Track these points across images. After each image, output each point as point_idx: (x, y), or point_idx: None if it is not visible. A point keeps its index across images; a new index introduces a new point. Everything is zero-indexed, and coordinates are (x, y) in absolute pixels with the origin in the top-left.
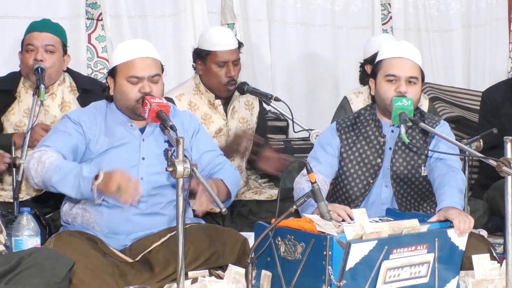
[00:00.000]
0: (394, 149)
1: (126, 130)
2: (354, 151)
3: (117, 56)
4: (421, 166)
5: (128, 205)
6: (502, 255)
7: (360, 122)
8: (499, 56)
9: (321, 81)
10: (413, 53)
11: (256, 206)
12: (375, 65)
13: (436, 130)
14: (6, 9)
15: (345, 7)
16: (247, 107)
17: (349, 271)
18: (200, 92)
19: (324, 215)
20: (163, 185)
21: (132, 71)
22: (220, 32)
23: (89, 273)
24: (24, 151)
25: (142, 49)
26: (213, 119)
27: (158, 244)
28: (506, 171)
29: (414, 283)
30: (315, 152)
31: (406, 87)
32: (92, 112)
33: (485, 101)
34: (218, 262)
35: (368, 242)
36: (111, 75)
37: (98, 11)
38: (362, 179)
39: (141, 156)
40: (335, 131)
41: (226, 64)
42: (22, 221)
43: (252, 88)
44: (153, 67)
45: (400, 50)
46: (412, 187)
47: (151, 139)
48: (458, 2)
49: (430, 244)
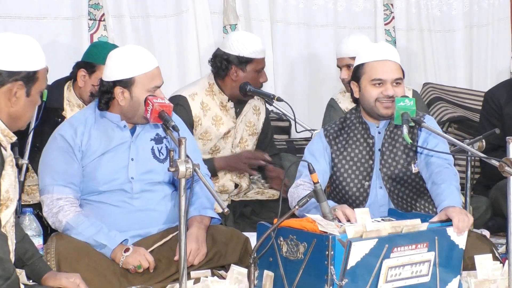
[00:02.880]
0: (382, 150)
1: (117, 132)
2: (345, 155)
3: (134, 67)
4: (411, 163)
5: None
6: (505, 255)
7: (347, 126)
8: (501, 56)
9: (323, 81)
10: (394, 54)
11: (258, 206)
12: (357, 68)
13: (436, 130)
14: (8, 9)
15: (348, 7)
16: (255, 111)
17: (351, 269)
18: (213, 93)
19: (326, 215)
20: (154, 182)
21: (154, 82)
22: (257, 39)
23: (92, 271)
24: (26, 151)
25: (153, 59)
26: (223, 121)
27: (160, 244)
28: (508, 171)
29: (415, 282)
30: (306, 159)
31: (392, 89)
32: (81, 123)
33: (488, 102)
34: (220, 262)
35: (369, 240)
36: (125, 87)
37: (101, 11)
38: (356, 183)
39: (130, 157)
40: (323, 138)
41: (262, 70)
42: (24, 221)
43: (254, 89)
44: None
45: (382, 52)
46: (405, 186)
47: (140, 139)
48: (460, 2)
49: (430, 242)
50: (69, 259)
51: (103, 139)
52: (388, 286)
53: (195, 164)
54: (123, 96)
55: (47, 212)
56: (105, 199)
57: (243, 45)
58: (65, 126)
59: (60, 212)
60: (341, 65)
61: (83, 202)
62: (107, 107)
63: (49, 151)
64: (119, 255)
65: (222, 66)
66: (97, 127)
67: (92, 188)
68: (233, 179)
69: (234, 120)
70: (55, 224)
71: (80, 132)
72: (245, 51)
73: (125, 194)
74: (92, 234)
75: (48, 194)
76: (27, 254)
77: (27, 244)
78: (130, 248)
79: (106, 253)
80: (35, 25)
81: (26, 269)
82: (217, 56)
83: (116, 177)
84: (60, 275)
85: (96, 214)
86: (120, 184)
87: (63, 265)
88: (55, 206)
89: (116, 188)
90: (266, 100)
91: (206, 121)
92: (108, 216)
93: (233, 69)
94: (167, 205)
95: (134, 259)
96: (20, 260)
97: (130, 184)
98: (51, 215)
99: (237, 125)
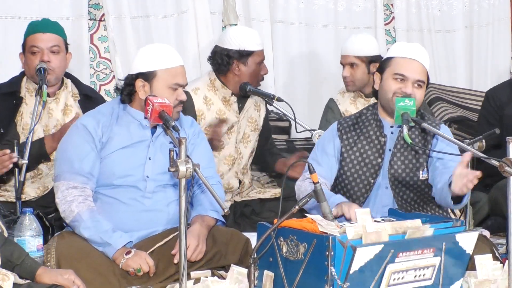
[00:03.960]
0: (393, 151)
1: (138, 129)
2: (355, 150)
3: (157, 61)
4: (419, 169)
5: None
6: (505, 256)
7: (361, 122)
8: (501, 56)
9: (323, 81)
10: (424, 57)
11: (259, 206)
12: (384, 60)
13: (438, 130)
14: (8, 10)
15: (348, 7)
16: (256, 108)
17: (354, 273)
18: (215, 88)
19: (327, 215)
20: (167, 184)
21: (176, 79)
22: (255, 32)
23: (92, 272)
24: (26, 151)
25: (178, 57)
26: (226, 116)
27: (161, 244)
28: (508, 171)
29: (418, 285)
30: (315, 153)
31: (412, 89)
32: (105, 115)
33: (489, 100)
34: (220, 262)
35: (374, 246)
36: (146, 80)
37: (101, 11)
38: (362, 179)
39: (148, 156)
40: (336, 131)
41: (263, 62)
42: (24, 221)
43: (254, 89)
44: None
45: (412, 52)
46: (411, 190)
47: (159, 140)
48: (460, 3)
49: (437, 248)
50: (70, 259)
51: (124, 134)
52: None
53: (195, 164)
54: (144, 90)
55: (61, 198)
56: (116, 195)
57: (243, 39)
58: (89, 116)
59: (74, 202)
60: (344, 63)
61: (95, 194)
62: (130, 100)
63: (69, 139)
64: (120, 257)
65: (223, 62)
66: (120, 121)
67: (106, 181)
68: (238, 176)
69: (237, 115)
70: (65, 212)
71: (103, 123)
72: (245, 44)
73: (137, 192)
74: (99, 231)
75: (65, 181)
76: (14, 254)
77: (11, 246)
78: (131, 251)
79: (109, 252)
80: None
81: (17, 269)
82: (217, 53)
83: (132, 174)
84: (55, 272)
85: (105, 209)
86: (134, 181)
87: (63, 265)
88: (70, 194)
89: (130, 184)
90: (266, 100)
91: (209, 115)
92: (116, 212)
93: (235, 64)
94: (175, 208)
95: (134, 262)
96: (9, 262)
97: (144, 183)
98: (64, 202)
99: (240, 120)
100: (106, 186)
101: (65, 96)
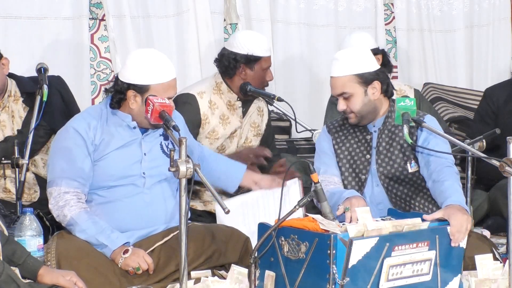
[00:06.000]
0: (378, 148)
1: (128, 130)
2: (343, 149)
3: (151, 75)
4: (407, 162)
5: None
6: (505, 255)
7: (348, 123)
8: (501, 56)
9: (324, 81)
10: (340, 69)
11: None
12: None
13: (438, 130)
14: (9, 9)
15: (348, 7)
16: (259, 112)
17: (352, 268)
18: (221, 92)
19: (327, 215)
20: (163, 178)
21: (167, 93)
22: (264, 38)
23: (92, 271)
24: (27, 151)
25: (172, 70)
26: (230, 120)
27: (161, 243)
28: (508, 171)
29: (416, 281)
30: (319, 157)
31: (342, 103)
32: (95, 118)
33: (487, 98)
34: (219, 260)
35: (370, 239)
36: (138, 92)
37: (102, 11)
38: (354, 176)
39: (143, 152)
40: (327, 133)
41: (269, 68)
42: (24, 221)
43: (254, 89)
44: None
45: (330, 69)
46: (403, 184)
47: (149, 136)
48: (461, 2)
49: (431, 241)
50: (70, 258)
51: (116, 135)
52: (389, 284)
53: (196, 164)
54: (135, 100)
55: (53, 204)
56: (114, 195)
57: (252, 44)
58: (78, 119)
59: (66, 207)
60: None
61: (92, 196)
62: (119, 106)
63: (60, 143)
64: (118, 257)
65: (230, 66)
66: (109, 123)
67: (102, 183)
68: None
69: (241, 120)
70: (59, 217)
71: (94, 126)
72: (254, 49)
73: (135, 189)
74: (94, 233)
75: (56, 186)
76: (16, 254)
77: (13, 245)
78: (129, 250)
79: (106, 253)
80: (35, 25)
81: (19, 269)
82: (224, 55)
83: (130, 172)
84: (56, 273)
85: (103, 210)
86: (132, 179)
87: (63, 265)
88: (62, 199)
89: (127, 183)
90: (267, 100)
91: (213, 119)
92: (115, 212)
93: (242, 68)
94: (172, 202)
95: (132, 261)
96: (10, 262)
97: (142, 179)
98: (56, 207)
99: (243, 125)
100: (101, 188)
101: (12, 102)
